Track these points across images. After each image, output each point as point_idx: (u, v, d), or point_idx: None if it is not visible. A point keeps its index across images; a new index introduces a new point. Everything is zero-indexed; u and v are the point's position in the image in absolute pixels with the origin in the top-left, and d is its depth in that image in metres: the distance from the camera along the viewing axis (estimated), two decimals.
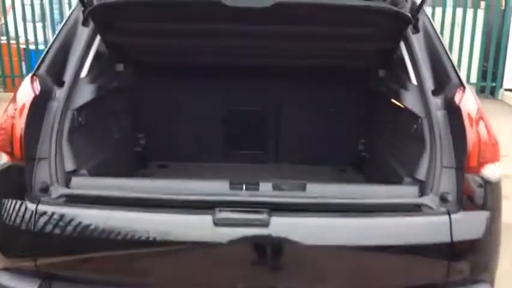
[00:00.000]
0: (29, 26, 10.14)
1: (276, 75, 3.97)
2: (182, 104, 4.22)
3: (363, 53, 3.59)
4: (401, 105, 3.15)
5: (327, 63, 3.76)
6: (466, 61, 10.07)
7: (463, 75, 2.96)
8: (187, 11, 3.08)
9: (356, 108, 4.19)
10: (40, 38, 10.06)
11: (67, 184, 2.66)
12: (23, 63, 10.13)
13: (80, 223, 2.49)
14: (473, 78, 10.18)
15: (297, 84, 4.11)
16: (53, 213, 2.51)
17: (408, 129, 3.06)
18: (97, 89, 3.14)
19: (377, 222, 2.55)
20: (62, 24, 3.12)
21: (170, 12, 3.11)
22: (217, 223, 2.44)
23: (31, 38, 10.07)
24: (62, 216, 2.50)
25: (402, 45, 3.15)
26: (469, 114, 2.62)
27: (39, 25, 10.13)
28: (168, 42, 3.46)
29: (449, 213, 2.54)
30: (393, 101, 3.34)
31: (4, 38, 10.37)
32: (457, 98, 2.72)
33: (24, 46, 10.13)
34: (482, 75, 10.29)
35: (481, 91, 10.11)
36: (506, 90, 10.14)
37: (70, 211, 2.53)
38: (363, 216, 2.55)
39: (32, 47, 10.09)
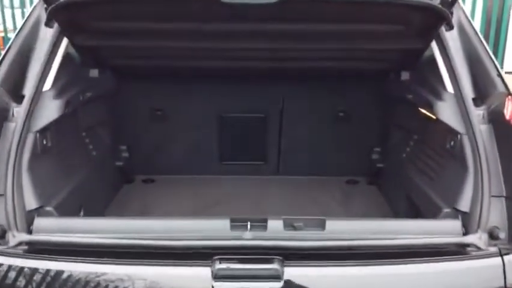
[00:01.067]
0: (8, 12, 9.83)
1: (279, 77, 3.62)
2: (169, 111, 3.85)
3: (386, 54, 3.19)
4: (432, 116, 2.70)
5: (341, 66, 3.34)
6: None
7: None
8: (172, 8, 2.64)
9: (369, 113, 3.84)
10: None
11: (29, 227, 2.25)
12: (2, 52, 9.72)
13: (43, 279, 2.06)
14: None
15: (302, 86, 3.75)
16: (9, 267, 2.08)
17: (443, 146, 2.67)
18: (66, 102, 2.72)
19: (415, 270, 2.11)
20: (20, 26, 2.66)
21: (152, 9, 2.68)
22: (217, 276, 2.01)
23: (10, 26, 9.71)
24: (20, 271, 2.07)
25: (433, 44, 2.72)
26: None
27: (18, 12, 9.67)
28: (151, 44, 3.04)
29: (501, 254, 2.14)
30: (421, 109, 2.89)
31: None
32: (505, 110, 2.29)
33: (2, 34, 9.74)
34: None
35: None
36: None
37: (31, 264, 2.09)
38: (398, 263, 2.12)
39: (11, 35, 9.63)
